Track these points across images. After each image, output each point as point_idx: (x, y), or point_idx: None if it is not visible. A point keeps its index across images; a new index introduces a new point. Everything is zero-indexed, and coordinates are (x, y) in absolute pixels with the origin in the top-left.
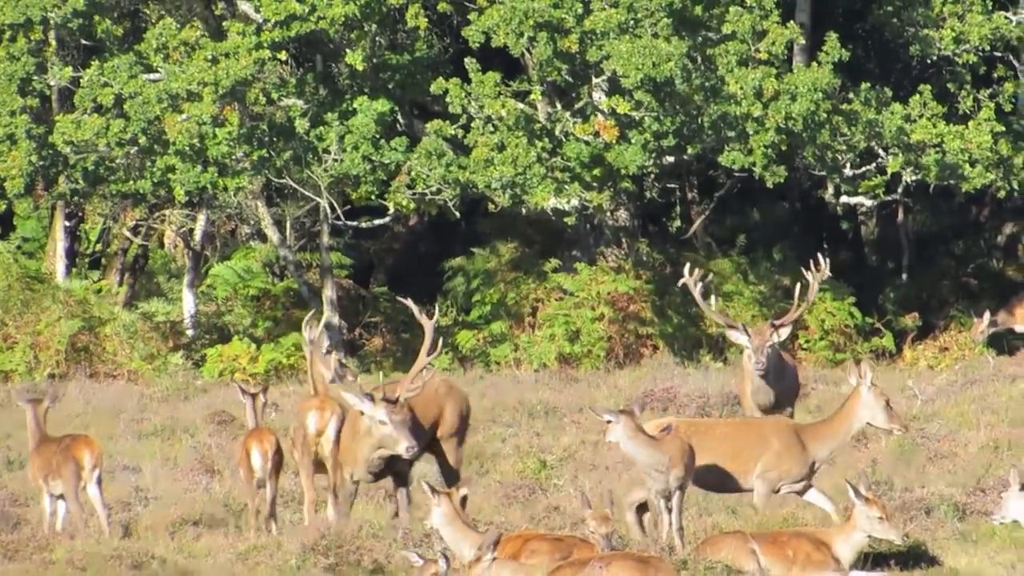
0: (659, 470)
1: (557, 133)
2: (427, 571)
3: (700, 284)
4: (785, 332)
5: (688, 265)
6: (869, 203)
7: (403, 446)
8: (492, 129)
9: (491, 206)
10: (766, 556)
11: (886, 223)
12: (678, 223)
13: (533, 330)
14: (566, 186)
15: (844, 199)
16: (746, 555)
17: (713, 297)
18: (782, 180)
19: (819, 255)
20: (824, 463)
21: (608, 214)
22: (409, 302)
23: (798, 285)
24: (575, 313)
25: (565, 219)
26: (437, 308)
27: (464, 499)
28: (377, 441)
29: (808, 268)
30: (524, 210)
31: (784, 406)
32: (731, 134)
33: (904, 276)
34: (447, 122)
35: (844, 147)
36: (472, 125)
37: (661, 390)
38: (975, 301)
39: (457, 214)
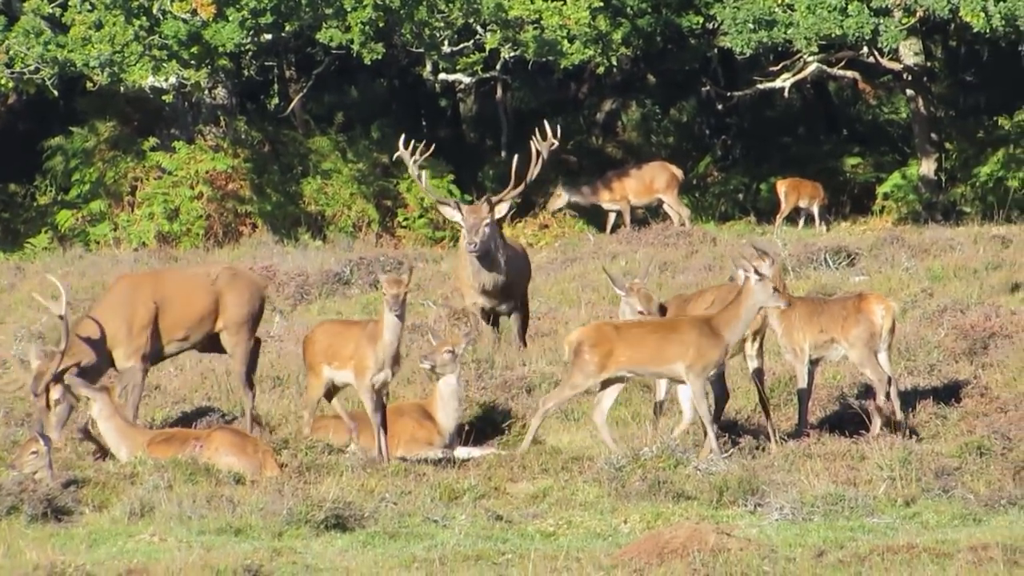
0: None
1: (155, 11)
2: (27, 449)
3: (415, 159)
4: (503, 208)
5: (403, 138)
6: (467, 80)
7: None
8: (90, 8)
9: (89, 85)
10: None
11: (485, 100)
12: (276, 101)
13: (132, 209)
14: (164, 64)
15: (442, 76)
16: (344, 432)
17: (424, 173)
18: (380, 57)
19: (546, 124)
20: None
21: (206, 92)
22: None
23: (515, 158)
24: (174, 192)
25: (163, 97)
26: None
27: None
28: None
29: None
30: (122, 88)
31: (514, 296)
32: (329, 11)
33: (503, 153)
34: (45, 1)
35: (442, 24)
36: (70, 3)
37: (260, 268)
38: (574, 178)
39: (56, 93)
